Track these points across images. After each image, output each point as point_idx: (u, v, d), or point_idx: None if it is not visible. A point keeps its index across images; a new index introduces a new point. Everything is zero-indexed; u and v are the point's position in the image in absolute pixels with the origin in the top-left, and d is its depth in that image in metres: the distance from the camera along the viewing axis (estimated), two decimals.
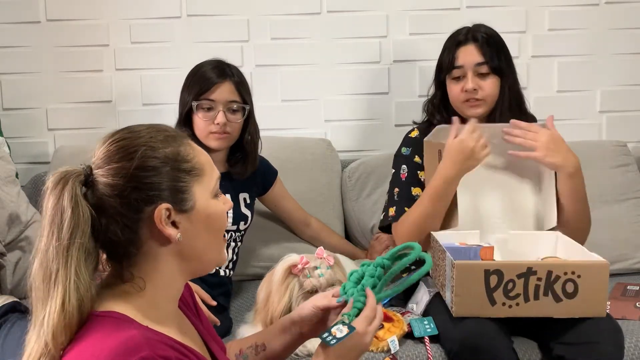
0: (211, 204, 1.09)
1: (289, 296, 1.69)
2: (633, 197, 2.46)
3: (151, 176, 1.02)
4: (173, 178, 1.04)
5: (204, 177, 1.08)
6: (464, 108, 2.00)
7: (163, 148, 1.04)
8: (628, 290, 2.05)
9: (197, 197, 1.06)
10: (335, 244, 2.31)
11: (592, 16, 2.70)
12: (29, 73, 2.64)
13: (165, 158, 1.04)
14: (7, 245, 2.08)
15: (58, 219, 0.99)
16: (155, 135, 1.06)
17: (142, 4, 2.63)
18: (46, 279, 0.99)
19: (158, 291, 1.06)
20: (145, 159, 1.03)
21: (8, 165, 2.24)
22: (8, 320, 1.74)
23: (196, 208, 1.06)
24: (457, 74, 2.00)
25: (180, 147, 1.06)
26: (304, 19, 2.66)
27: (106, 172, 1.02)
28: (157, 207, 1.02)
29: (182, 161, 1.05)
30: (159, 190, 1.03)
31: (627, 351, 1.68)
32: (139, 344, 0.95)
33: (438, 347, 1.75)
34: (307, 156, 2.52)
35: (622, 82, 2.75)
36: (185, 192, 1.05)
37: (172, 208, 1.03)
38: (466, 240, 1.86)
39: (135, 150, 1.03)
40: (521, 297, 1.62)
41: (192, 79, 2.05)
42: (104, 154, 1.04)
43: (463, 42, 2.00)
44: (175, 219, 1.04)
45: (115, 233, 1.02)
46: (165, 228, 1.03)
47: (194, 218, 1.06)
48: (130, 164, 1.02)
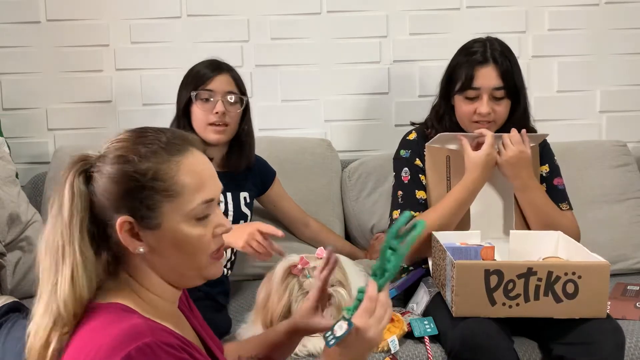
0: (181, 227, 1.06)
1: (289, 296, 1.69)
2: (633, 197, 2.46)
3: (123, 186, 1.04)
4: (143, 194, 1.04)
5: (179, 199, 1.05)
6: (472, 127, 1.99)
7: (145, 162, 1.04)
8: (628, 290, 2.05)
9: (165, 218, 1.05)
10: (336, 244, 2.31)
11: (592, 16, 2.70)
12: (29, 73, 2.64)
13: (135, 173, 1.04)
14: (7, 245, 2.08)
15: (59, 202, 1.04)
16: (139, 147, 1.06)
17: (142, 4, 2.63)
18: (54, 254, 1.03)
19: (151, 292, 1.09)
20: (119, 168, 1.04)
21: (8, 165, 2.24)
22: (8, 319, 1.74)
23: (162, 227, 1.05)
24: (471, 95, 1.96)
25: (162, 164, 1.05)
26: (304, 19, 2.66)
27: (97, 169, 1.06)
28: (120, 217, 1.04)
29: (158, 180, 1.04)
30: (127, 201, 1.04)
31: (627, 351, 1.68)
32: (142, 331, 0.97)
33: (438, 347, 1.75)
34: (307, 156, 2.52)
35: (622, 82, 2.75)
36: (153, 210, 1.04)
37: (135, 222, 1.04)
38: (467, 240, 1.86)
39: (116, 157, 1.05)
40: (521, 297, 1.62)
41: (188, 77, 2.07)
42: (105, 150, 1.08)
43: (482, 62, 1.94)
44: (139, 232, 1.05)
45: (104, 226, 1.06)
46: (126, 237, 1.04)
47: (160, 236, 1.06)
48: (109, 168, 1.05)
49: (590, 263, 1.67)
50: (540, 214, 1.97)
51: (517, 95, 1.98)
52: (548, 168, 2.07)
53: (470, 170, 1.93)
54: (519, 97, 1.99)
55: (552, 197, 2.02)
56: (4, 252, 2.06)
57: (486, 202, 2.00)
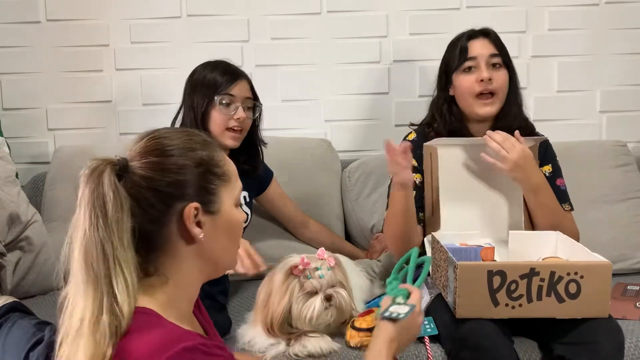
0: (234, 211, 1.14)
1: (289, 297, 1.69)
2: (633, 197, 2.46)
3: (186, 174, 1.07)
4: (206, 179, 1.09)
5: (230, 184, 1.13)
6: (476, 105, 1.99)
7: (200, 150, 1.10)
8: (628, 290, 2.05)
9: (222, 202, 1.11)
10: (335, 245, 2.31)
11: (592, 16, 2.70)
12: (29, 73, 2.64)
13: (201, 159, 1.09)
14: (7, 246, 2.08)
15: (100, 202, 1.02)
16: (193, 137, 1.12)
17: (142, 4, 2.63)
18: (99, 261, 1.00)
19: (178, 290, 1.10)
20: (183, 157, 1.08)
21: (8, 165, 2.24)
22: (9, 319, 1.74)
23: (221, 212, 1.11)
24: (469, 65, 1.98)
25: (214, 152, 1.12)
26: (304, 19, 2.66)
27: (143, 165, 1.06)
28: (188, 205, 1.07)
29: (215, 165, 1.11)
30: (192, 188, 1.08)
31: (627, 351, 1.68)
32: (179, 335, 1.01)
33: (438, 347, 1.74)
34: (307, 156, 2.52)
35: (622, 82, 2.75)
36: (214, 195, 1.10)
37: (201, 208, 1.08)
38: (467, 240, 1.86)
39: (174, 148, 1.08)
40: (524, 297, 1.61)
41: (203, 80, 2.05)
42: (142, 148, 1.09)
43: (474, 36, 2.01)
44: (200, 219, 1.08)
45: (145, 224, 1.06)
46: (192, 226, 1.07)
47: (217, 221, 1.11)
48: (168, 160, 1.07)
49: (592, 263, 1.66)
50: (551, 216, 1.95)
51: (511, 66, 2.01)
52: (551, 168, 2.07)
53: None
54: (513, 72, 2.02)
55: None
56: (4, 252, 2.06)
57: (490, 204, 1.99)
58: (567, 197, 2.07)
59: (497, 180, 1.99)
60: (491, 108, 1.99)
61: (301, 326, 1.69)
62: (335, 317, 1.72)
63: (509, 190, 1.99)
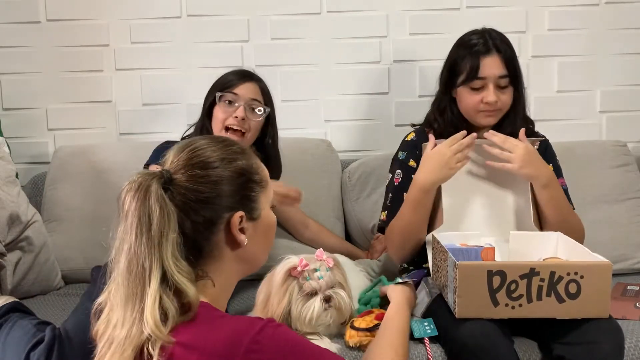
0: (270, 213, 1.21)
1: (288, 299, 1.68)
2: (633, 197, 2.46)
3: (231, 184, 1.13)
4: (247, 188, 1.15)
5: (267, 188, 1.19)
6: (478, 117, 1.99)
7: (239, 160, 1.15)
8: (628, 290, 2.05)
9: (262, 207, 1.18)
10: (335, 245, 2.31)
11: (592, 16, 2.70)
12: (29, 73, 2.64)
13: (242, 169, 1.15)
14: (7, 246, 2.08)
15: (145, 218, 1.05)
16: (231, 147, 1.17)
17: (142, 4, 2.63)
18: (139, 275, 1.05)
19: (220, 291, 1.16)
20: (225, 168, 1.13)
21: (8, 165, 2.24)
22: (9, 319, 1.74)
23: (261, 217, 1.18)
24: (477, 85, 1.96)
25: (252, 160, 1.17)
26: (304, 19, 2.66)
27: (188, 178, 1.10)
28: (235, 214, 1.12)
29: (254, 173, 1.17)
30: (236, 197, 1.13)
31: (627, 351, 1.68)
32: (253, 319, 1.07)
33: (438, 347, 1.74)
34: (307, 157, 2.52)
35: (622, 82, 2.75)
36: (255, 202, 1.16)
37: (245, 216, 1.14)
38: (467, 241, 1.86)
39: (216, 161, 1.13)
40: (524, 297, 1.61)
41: (217, 81, 2.11)
42: (185, 161, 1.12)
43: (485, 52, 1.95)
44: (244, 225, 1.14)
45: (193, 233, 1.10)
46: (238, 234, 1.13)
47: (258, 226, 1.17)
48: (212, 172, 1.12)
49: (592, 263, 1.66)
50: (561, 210, 1.94)
51: (518, 81, 2.00)
52: (552, 168, 2.07)
53: (419, 166, 1.92)
54: (520, 83, 2.01)
55: None
56: (4, 252, 2.06)
57: (494, 204, 1.98)
58: (569, 196, 2.07)
59: (499, 179, 1.98)
60: (494, 119, 2.00)
61: (301, 327, 1.69)
62: (334, 318, 1.72)
63: (512, 188, 1.99)
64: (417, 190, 1.90)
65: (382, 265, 2.26)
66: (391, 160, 2.14)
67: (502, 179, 1.98)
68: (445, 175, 1.88)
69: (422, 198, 1.90)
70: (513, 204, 1.99)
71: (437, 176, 1.88)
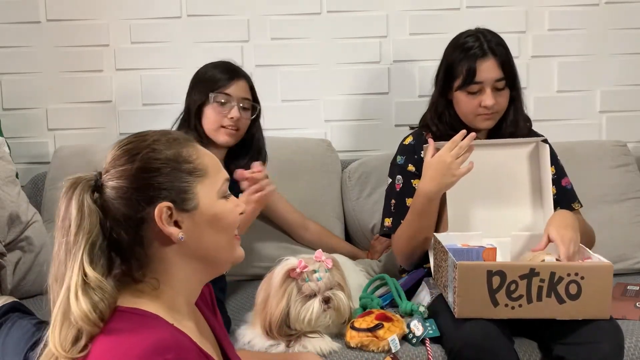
0: (219, 203, 1.11)
1: (287, 300, 1.68)
2: (633, 197, 2.46)
3: (153, 177, 1.06)
4: (174, 178, 1.07)
5: (207, 178, 1.10)
6: (477, 121, 1.99)
7: (165, 150, 1.08)
8: (628, 290, 2.05)
9: (200, 197, 1.09)
10: (336, 246, 2.30)
11: (592, 16, 2.70)
12: (29, 73, 2.64)
13: (167, 159, 1.07)
14: (7, 246, 2.08)
15: (67, 222, 1.03)
16: (160, 138, 1.10)
17: (142, 4, 2.63)
18: (59, 278, 1.04)
19: (174, 293, 1.09)
20: (147, 160, 1.07)
21: (8, 165, 2.24)
22: (8, 319, 1.74)
23: (200, 208, 1.09)
24: (474, 89, 1.95)
25: (182, 149, 1.10)
26: (304, 19, 2.66)
27: (112, 176, 1.06)
28: (158, 206, 1.05)
29: (184, 162, 1.09)
30: (160, 190, 1.06)
31: (627, 351, 1.68)
32: (168, 346, 0.99)
33: (438, 347, 1.74)
34: (307, 157, 2.52)
35: (622, 82, 2.74)
36: (188, 192, 1.08)
37: (174, 207, 1.06)
38: (468, 241, 1.85)
39: (138, 153, 1.07)
40: (524, 298, 1.61)
41: (203, 77, 2.09)
42: (112, 158, 1.08)
43: (481, 56, 1.94)
44: (177, 218, 1.07)
45: (120, 234, 1.05)
46: (166, 227, 1.06)
47: (197, 218, 1.08)
48: (132, 165, 1.06)
49: (593, 264, 1.66)
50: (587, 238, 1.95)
51: (515, 82, 2.00)
52: (554, 169, 2.06)
53: (422, 174, 1.91)
54: (516, 83, 2.01)
55: (564, 199, 2.04)
56: (4, 252, 2.06)
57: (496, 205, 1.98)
58: (575, 195, 2.07)
59: (502, 181, 1.98)
60: (492, 122, 2.00)
61: (300, 328, 1.69)
62: (333, 319, 1.72)
63: (515, 190, 1.99)
64: (422, 200, 1.90)
65: (382, 265, 2.26)
66: (390, 165, 2.14)
67: (503, 180, 1.98)
68: (449, 182, 1.87)
69: (427, 207, 1.91)
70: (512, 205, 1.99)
71: (441, 184, 1.87)
